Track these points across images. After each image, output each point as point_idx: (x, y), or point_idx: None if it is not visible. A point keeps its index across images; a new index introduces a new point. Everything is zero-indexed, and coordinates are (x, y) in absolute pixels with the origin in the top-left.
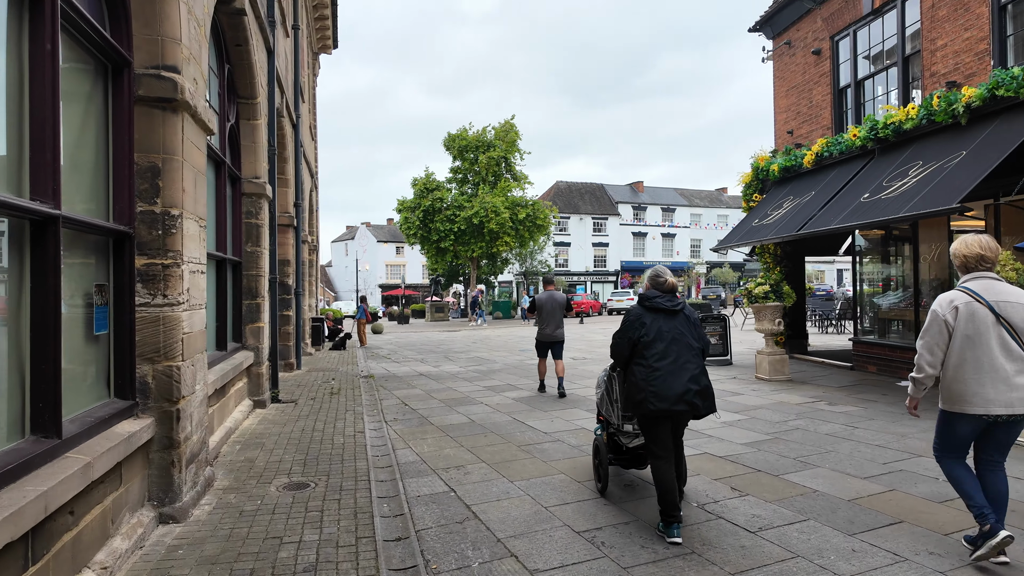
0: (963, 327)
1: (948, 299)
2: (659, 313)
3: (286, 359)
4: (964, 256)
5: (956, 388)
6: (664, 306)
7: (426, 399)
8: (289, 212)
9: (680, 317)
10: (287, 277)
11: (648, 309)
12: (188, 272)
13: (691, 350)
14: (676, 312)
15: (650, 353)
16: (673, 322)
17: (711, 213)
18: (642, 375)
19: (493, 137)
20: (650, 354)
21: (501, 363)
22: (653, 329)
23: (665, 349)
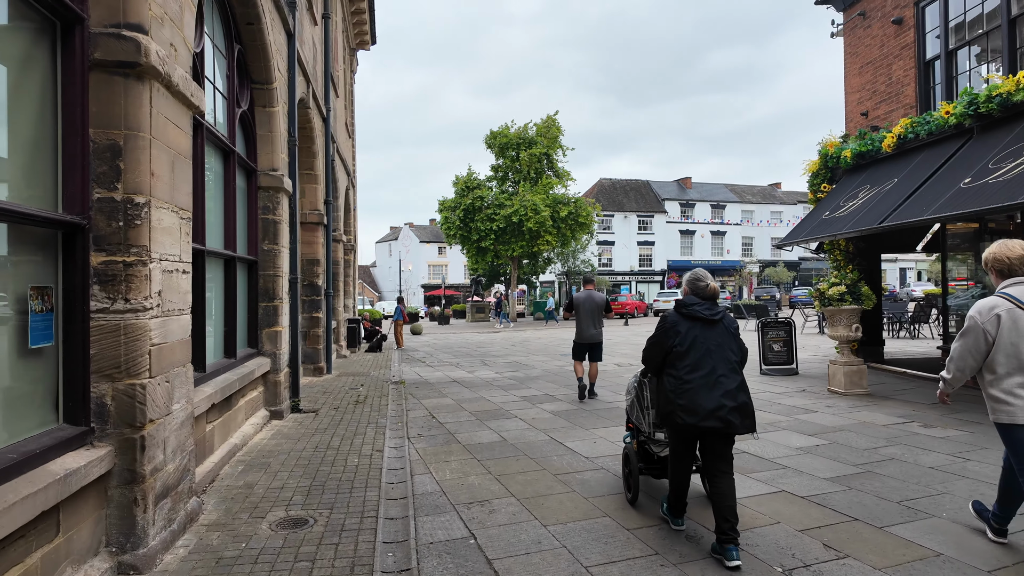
0: (1007, 336)
1: (988, 306)
2: (696, 322)
3: (315, 363)
4: (1006, 259)
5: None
6: (702, 315)
7: (456, 411)
8: (319, 209)
9: (719, 327)
10: (316, 277)
11: (685, 317)
12: (160, 272)
13: (728, 363)
14: (715, 322)
15: (682, 364)
16: (711, 332)
17: (764, 210)
18: (672, 386)
19: (535, 133)
20: (682, 365)
21: (540, 369)
22: (688, 339)
23: (699, 360)
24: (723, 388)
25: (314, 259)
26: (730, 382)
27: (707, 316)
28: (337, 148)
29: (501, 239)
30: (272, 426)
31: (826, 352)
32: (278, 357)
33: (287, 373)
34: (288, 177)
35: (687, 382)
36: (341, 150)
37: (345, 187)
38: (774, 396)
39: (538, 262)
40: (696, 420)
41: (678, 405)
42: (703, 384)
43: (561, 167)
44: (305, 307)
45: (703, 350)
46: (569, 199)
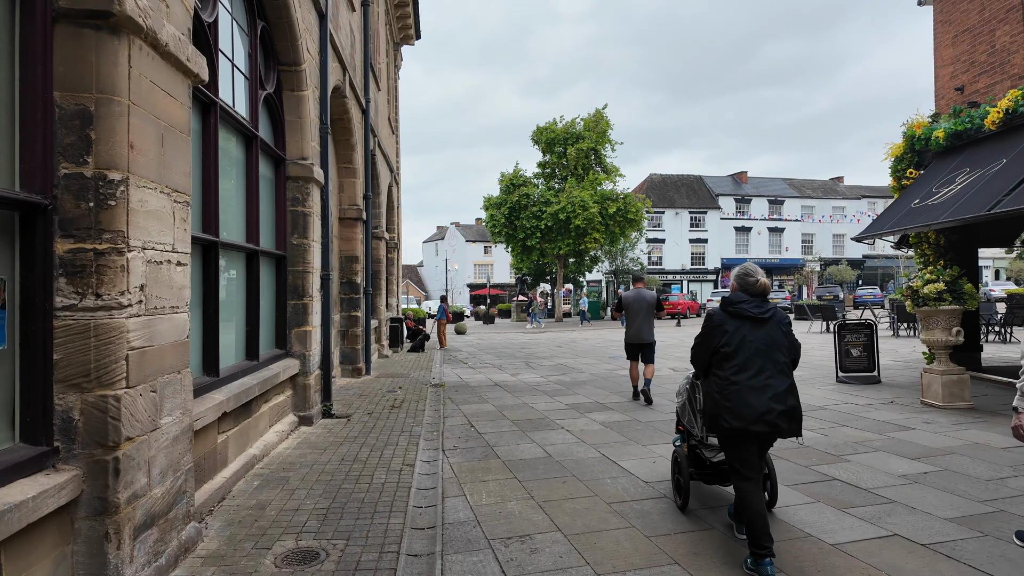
0: None
1: None
2: (744, 320)
3: (353, 363)
4: None
5: None
6: (750, 313)
7: (497, 419)
8: (357, 204)
9: (769, 325)
10: (354, 275)
11: (731, 315)
12: (142, 263)
13: (777, 364)
14: (764, 320)
15: (729, 365)
16: (760, 331)
17: (825, 205)
18: (718, 388)
19: (582, 128)
20: (729, 365)
21: (588, 373)
22: (736, 338)
23: (746, 361)
24: (772, 391)
25: (352, 256)
26: (779, 384)
27: (756, 314)
28: (379, 142)
29: (547, 237)
30: (299, 433)
31: (905, 358)
32: (308, 359)
33: (318, 376)
34: (319, 167)
35: (733, 383)
36: (383, 145)
37: (388, 183)
38: (858, 408)
39: (585, 261)
40: (743, 424)
41: (724, 407)
42: (751, 386)
43: (609, 162)
44: (343, 306)
45: (751, 350)
46: (618, 195)
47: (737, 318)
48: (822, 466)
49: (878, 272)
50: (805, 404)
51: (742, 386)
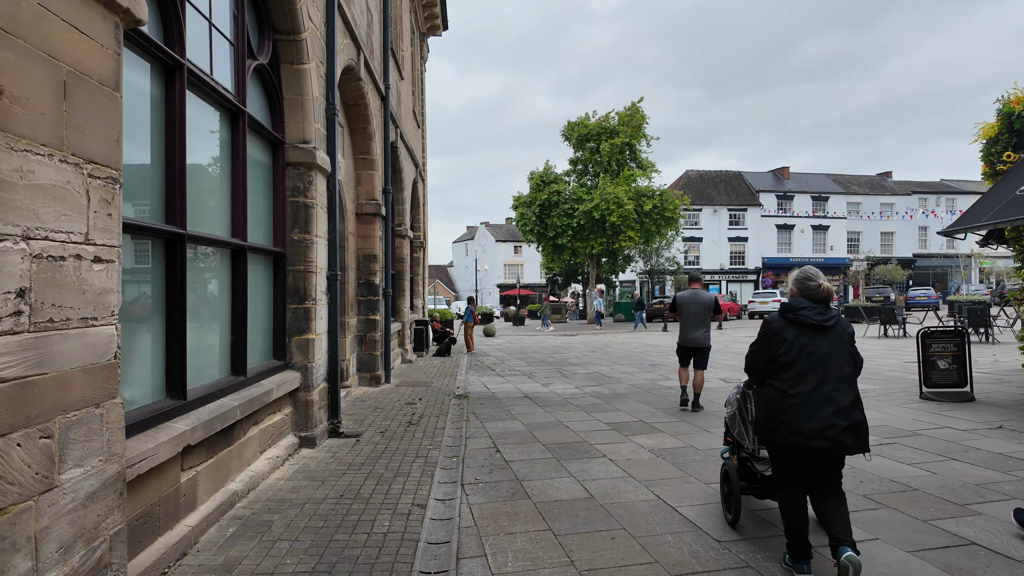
0: None
1: None
2: (805, 328)
3: (371, 371)
4: None
5: None
6: (812, 320)
7: (526, 442)
8: (376, 199)
9: (832, 334)
10: (373, 275)
11: (792, 323)
12: (23, 258)
13: (841, 376)
14: (827, 328)
15: (786, 376)
16: (822, 340)
17: (872, 201)
18: (774, 400)
19: (616, 123)
20: (786, 376)
21: (627, 384)
22: (795, 347)
23: (806, 372)
24: (834, 404)
25: (371, 254)
26: (843, 397)
27: (818, 322)
28: (401, 134)
29: (579, 236)
30: (298, 459)
31: (990, 368)
32: (311, 371)
33: (323, 390)
34: (324, 153)
35: (791, 396)
36: (407, 138)
37: (413, 179)
38: (961, 435)
39: (618, 260)
40: (801, 440)
41: (781, 422)
42: (811, 399)
43: (645, 157)
44: (360, 308)
45: (812, 360)
46: (654, 191)
47: (797, 326)
48: (945, 520)
49: (930, 272)
50: (890, 427)
51: (802, 399)
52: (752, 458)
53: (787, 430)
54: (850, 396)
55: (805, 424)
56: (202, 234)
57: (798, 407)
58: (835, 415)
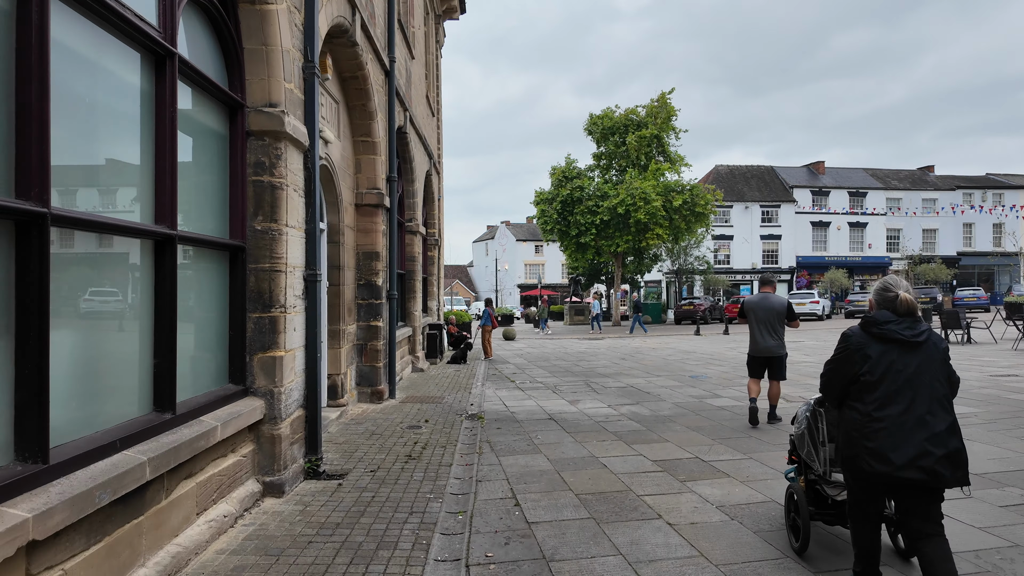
0: None
1: None
2: (892, 344)
3: (373, 385)
4: None
5: None
6: (900, 336)
7: (553, 489)
8: (378, 188)
9: (924, 350)
10: (374, 275)
11: (876, 337)
12: None
13: (934, 398)
14: (917, 344)
15: (871, 397)
16: (912, 357)
17: (913, 197)
18: (857, 424)
19: (644, 115)
20: (871, 398)
21: (670, 402)
22: (881, 366)
23: (894, 393)
24: (928, 430)
25: (372, 251)
26: (937, 423)
27: (906, 337)
28: (412, 118)
29: (603, 233)
30: (256, 515)
31: None
32: (278, 397)
33: (297, 420)
34: (298, 121)
35: (877, 420)
36: (419, 124)
37: (426, 171)
38: None
39: (644, 259)
40: (890, 469)
41: (865, 448)
42: (900, 424)
43: (674, 151)
44: (360, 314)
45: (900, 380)
46: (683, 186)
47: (883, 341)
48: None
49: (975, 271)
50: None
51: (890, 424)
52: (822, 481)
53: (873, 458)
54: (945, 421)
55: (894, 452)
56: (87, 216)
57: (886, 432)
58: (928, 442)
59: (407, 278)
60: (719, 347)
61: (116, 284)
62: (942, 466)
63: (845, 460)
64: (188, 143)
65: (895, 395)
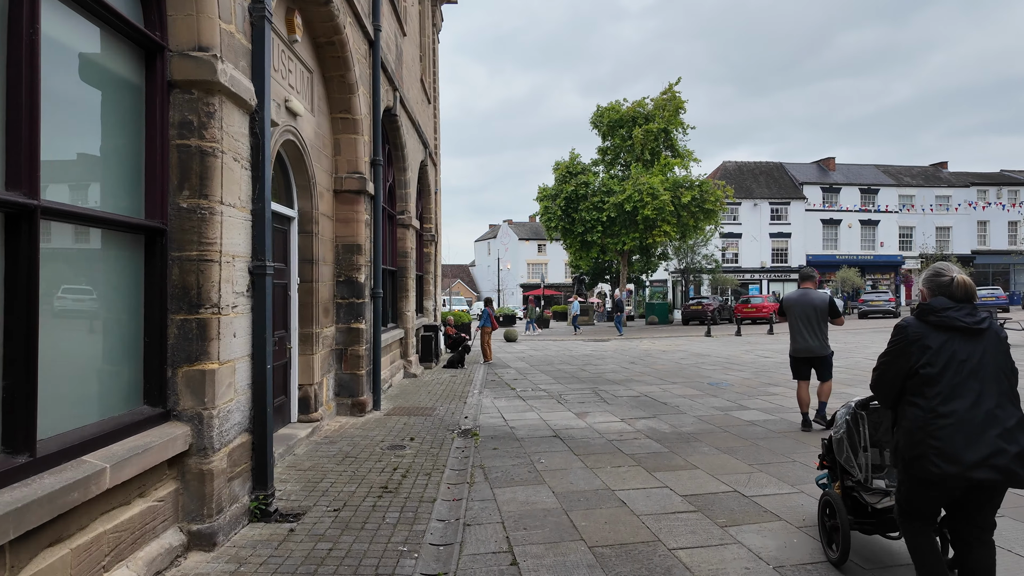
0: None
1: None
2: (954, 333)
3: (355, 395)
4: None
5: None
6: (962, 323)
7: (560, 540)
8: (360, 172)
9: (987, 338)
10: (355, 271)
11: (935, 326)
12: None
13: (1002, 391)
14: (980, 332)
15: (933, 391)
16: (975, 346)
17: (927, 194)
18: (919, 421)
19: (652, 108)
20: (933, 392)
21: (691, 415)
22: (942, 356)
23: (958, 386)
24: (999, 425)
25: (353, 244)
26: (1007, 416)
27: (968, 324)
28: (404, 101)
29: (609, 231)
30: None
31: None
32: (210, 422)
33: (240, 449)
34: (244, 76)
35: (943, 416)
36: (412, 108)
37: (421, 161)
38: None
39: (651, 258)
40: (960, 469)
41: (931, 448)
42: (967, 419)
43: (683, 146)
44: (339, 315)
45: (964, 371)
46: (692, 182)
47: (943, 330)
48: None
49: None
50: None
51: (957, 419)
52: (860, 488)
53: (941, 458)
54: (1015, 415)
55: (966, 451)
56: None
57: (952, 430)
58: (1001, 438)
59: (399, 275)
60: (734, 350)
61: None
62: (1017, 464)
63: (908, 462)
64: (87, 95)
65: (960, 388)
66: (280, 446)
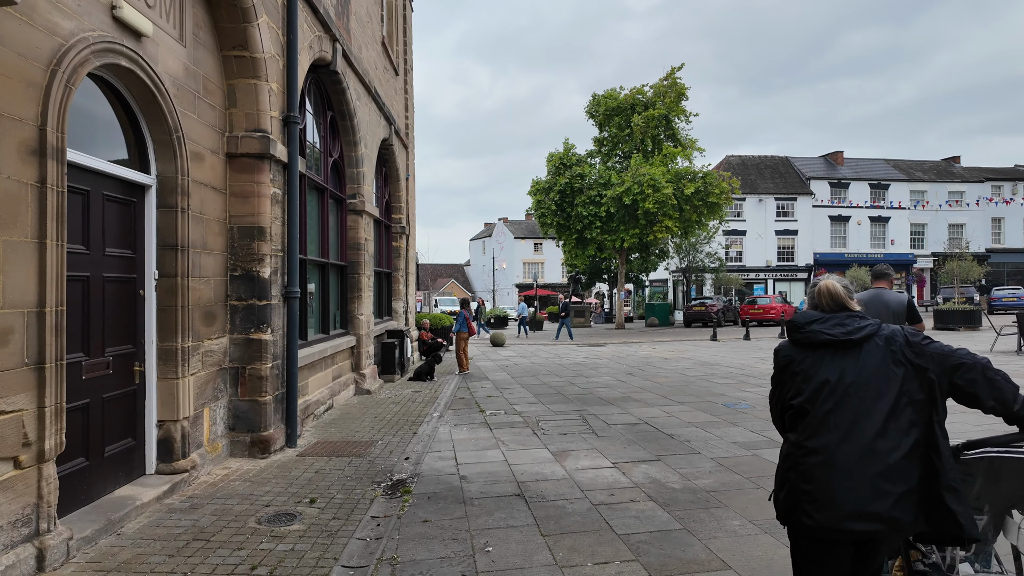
0: None
1: None
2: (823, 349)
3: (256, 430)
4: None
5: None
6: (827, 335)
7: None
8: (262, 129)
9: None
10: (257, 264)
11: (802, 345)
12: None
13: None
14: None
15: (803, 423)
16: (847, 362)
17: (939, 190)
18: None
19: (652, 95)
20: (803, 424)
21: (707, 455)
22: (812, 380)
23: (829, 413)
24: (879, 461)
25: (253, 227)
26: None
27: (835, 336)
28: (348, 56)
29: (607, 227)
30: None
31: None
32: None
33: None
34: None
35: (812, 452)
36: (368, 76)
37: (382, 139)
38: None
39: (651, 256)
40: (831, 520)
41: (803, 493)
42: (839, 455)
43: (685, 135)
44: (234, 320)
45: (837, 395)
46: (695, 173)
47: (810, 348)
48: None
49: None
50: None
51: (828, 455)
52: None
53: (813, 505)
54: (905, 442)
55: (833, 493)
56: None
57: (822, 468)
58: (882, 477)
59: (349, 271)
60: (746, 357)
61: None
62: (901, 511)
63: (784, 511)
64: None
65: (832, 416)
66: (96, 522)
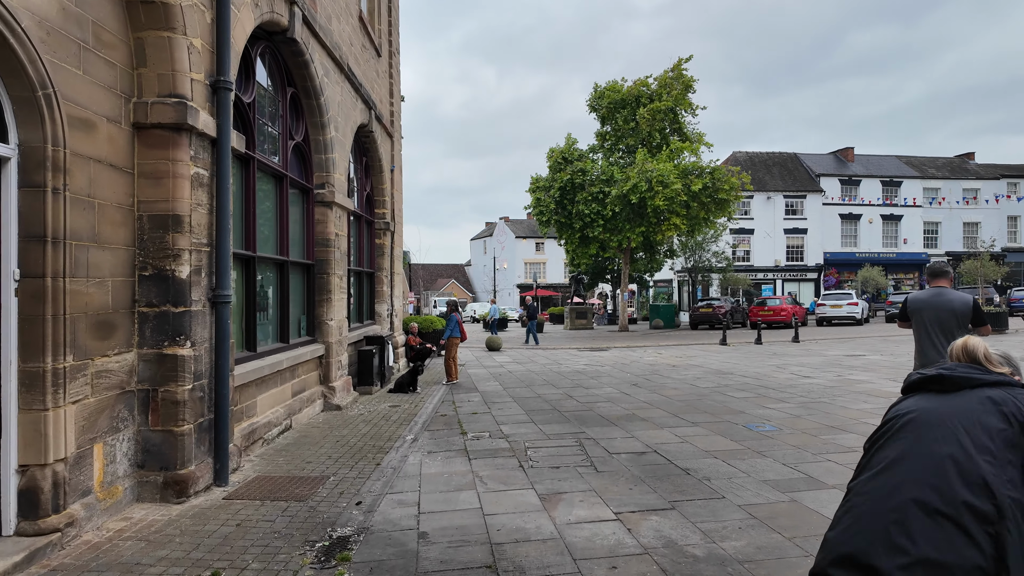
0: None
1: None
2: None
3: (170, 468)
4: None
5: None
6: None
7: None
8: (179, 94)
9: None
10: (173, 260)
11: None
12: None
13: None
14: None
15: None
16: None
17: (953, 187)
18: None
19: (657, 87)
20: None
21: (734, 502)
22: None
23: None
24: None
25: (167, 215)
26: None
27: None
28: (313, 24)
29: (611, 225)
30: None
31: None
32: None
33: None
34: None
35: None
36: (342, 53)
37: (359, 123)
38: None
39: (656, 255)
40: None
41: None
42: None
43: (692, 129)
44: (145, 333)
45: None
46: (703, 169)
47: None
48: None
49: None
50: None
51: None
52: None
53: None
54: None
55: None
56: None
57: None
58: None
59: (316, 271)
60: (761, 364)
61: None
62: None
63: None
64: None
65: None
66: None
